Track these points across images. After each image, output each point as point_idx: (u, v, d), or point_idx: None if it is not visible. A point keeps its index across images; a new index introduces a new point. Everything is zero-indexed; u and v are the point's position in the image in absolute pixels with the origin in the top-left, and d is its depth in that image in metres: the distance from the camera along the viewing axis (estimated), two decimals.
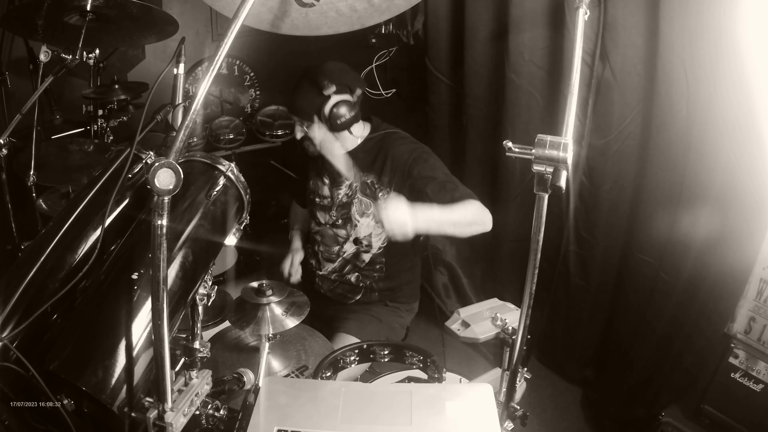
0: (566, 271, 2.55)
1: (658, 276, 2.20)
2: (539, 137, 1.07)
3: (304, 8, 1.52)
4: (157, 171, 0.89)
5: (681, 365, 2.22)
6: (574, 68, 1.16)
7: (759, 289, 2.01)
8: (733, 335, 2.08)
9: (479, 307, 1.73)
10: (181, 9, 3.38)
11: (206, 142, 3.32)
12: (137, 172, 1.34)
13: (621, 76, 2.15)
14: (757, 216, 1.91)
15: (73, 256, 1.26)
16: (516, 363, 1.29)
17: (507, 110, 2.50)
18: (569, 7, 2.16)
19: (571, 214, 2.43)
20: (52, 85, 1.96)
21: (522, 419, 1.35)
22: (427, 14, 2.79)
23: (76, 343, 1.10)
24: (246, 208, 1.40)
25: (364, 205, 2.16)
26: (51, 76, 1.80)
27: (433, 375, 1.54)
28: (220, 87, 3.54)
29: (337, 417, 1.19)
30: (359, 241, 2.21)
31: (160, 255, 0.93)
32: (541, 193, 1.10)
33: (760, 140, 1.84)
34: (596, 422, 2.51)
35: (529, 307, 1.23)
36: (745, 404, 2.05)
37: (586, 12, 1.18)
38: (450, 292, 3.16)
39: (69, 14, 1.72)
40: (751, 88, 1.82)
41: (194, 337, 1.21)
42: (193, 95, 0.97)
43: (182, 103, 1.63)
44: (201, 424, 1.20)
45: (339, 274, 2.27)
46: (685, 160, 2.03)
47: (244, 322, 1.51)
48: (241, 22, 0.99)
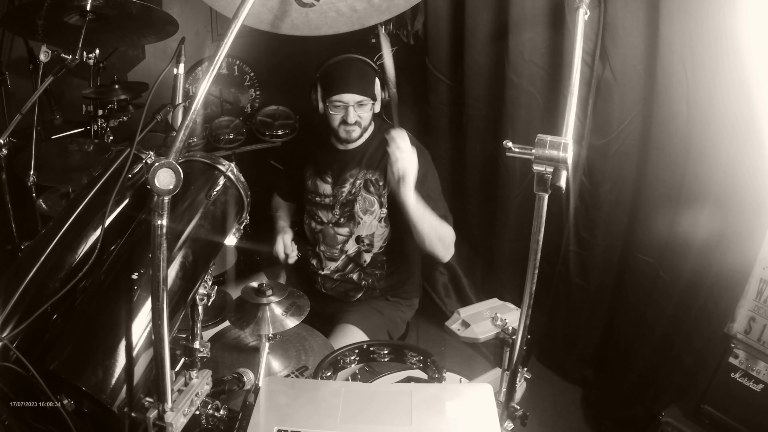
0: (566, 271, 2.55)
1: (658, 276, 2.20)
2: (539, 137, 1.07)
3: (304, 8, 1.52)
4: (157, 171, 0.89)
5: (681, 365, 2.21)
6: (574, 68, 1.16)
7: (759, 289, 2.01)
8: (733, 335, 2.08)
9: (479, 307, 1.73)
10: (181, 9, 3.38)
11: (206, 142, 3.32)
12: (137, 172, 1.34)
13: (621, 76, 2.15)
14: (757, 216, 1.91)
15: (73, 256, 1.26)
16: (516, 363, 1.29)
17: (507, 110, 2.50)
18: (569, 7, 2.16)
19: (571, 214, 2.43)
20: (52, 85, 1.96)
21: (522, 419, 1.35)
22: (427, 14, 2.79)
23: (76, 343, 1.10)
24: (246, 208, 1.40)
25: (368, 202, 2.17)
26: (51, 76, 1.80)
27: (433, 375, 1.55)
28: (220, 87, 3.54)
29: (338, 417, 1.19)
30: (361, 239, 2.21)
31: (160, 255, 0.93)
32: (541, 193, 1.10)
33: (760, 140, 1.84)
34: (596, 422, 2.51)
35: (529, 307, 1.23)
36: (745, 404, 2.05)
37: (586, 12, 1.18)
38: (450, 292, 3.16)
39: (69, 14, 1.72)
40: (751, 88, 1.82)
41: (194, 337, 1.20)
42: (193, 95, 0.97)
43: (182, 103, 1.63)
44: (201, 424, 1.20)
45: (341, 273, 2.27)
46: (685, 160, 2.03)
47: (244, 322, 1.51)
48: (241, 22, 0.99)
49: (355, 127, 2.11)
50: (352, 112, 2.07)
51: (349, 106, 2.06)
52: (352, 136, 2.13)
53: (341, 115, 2.08)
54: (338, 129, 2.12)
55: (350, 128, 2.10)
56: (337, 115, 2.09)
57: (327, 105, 2.10)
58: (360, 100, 2.06)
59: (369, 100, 2.08)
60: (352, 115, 2.07)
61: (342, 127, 2.11)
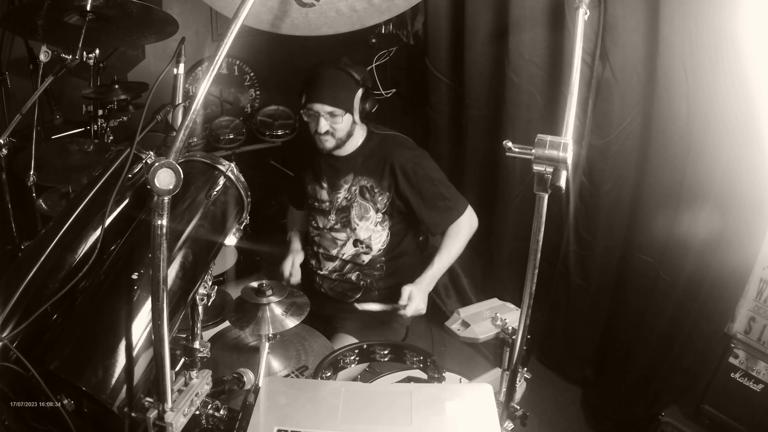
0: (566, 271, 2.55)
1: (658, 276, 2.20)
2: (539, 137, 1.07)
3: (304, 8, 1.51)
4: (157, 171, 0.89)
5: (681, 365, 2.21)
6: (574, 68, 1.15)
7: (759, 289, 2.01)
8: (733, 335, 2.08)
9: (479, 307, 1.73)
10: (181, 9, 3.38)
11: (206, 142, 3.32)
12: (137, 172, 1.34)
13: (621, 76, 2.14)
14: (757, 216, 1.91)
15: (73, 256, 1.26)
16: (516, 363, 1.29)
17: (507, 110, 2.50)
18: (569, 7, 2.16)
19: (571, 214, 2.42)
20: (52, 85, 1.96)
21: (522, 419, 1.35)
22: (427, 14, 2.79)
23: (76, 343, 1.10)
24: (246, 208, 1.40)
25: (363, 208, 2.17)
26: (51, 76, 1.80)
27: (433, 375, 1.55)
28: (220, 87, 3.54)
29: (337, 417, 1.19)
30: (359, 243, 2.21)
31: (160, 255, 0.93)
32: (541, 193, 1.10)
33: (760, 140, 1.84)
34: (596, 422, 2.51)
35: (529, 307, 1.23)
36: (745, 404, 2.04)
37: (586, 12, 1.18)
38: (450, 292, 3.16)
39: (69, 14, 1.72)
40: (751, 88, 1.82)
41: (194, 337, 1.20)
42: (193, 95, 0.97)
43: (182, 103, 1.63)
44: (201, 424, 1.20)
45: (340, 273, 2.27)
46: (685, 160, 2.03)
47: (244, 322, 1.51)
48: (241, 22, 0.99)
49: (328, 137, 2.10)
50: (322, 121, 2.07)
51: (320, 115, 2.07)
52: (325, 145, 2.13)
53: (314, 124, 2.10)
54: (314, 137, 2.13)
55: (323, 138, 2.10)
56: (311, 123, 2.11)
57: (303, 112, 2.12)
58: (330, 110, 2.06)
59: (341, 111, 2.06)
60: (322, 124, 2.07)
61: (316, 136, 2.12)
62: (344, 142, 2.15)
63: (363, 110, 2.11)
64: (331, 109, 2.06)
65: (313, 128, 2.10)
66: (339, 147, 2.15)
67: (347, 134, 2.13)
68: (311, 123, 2.11)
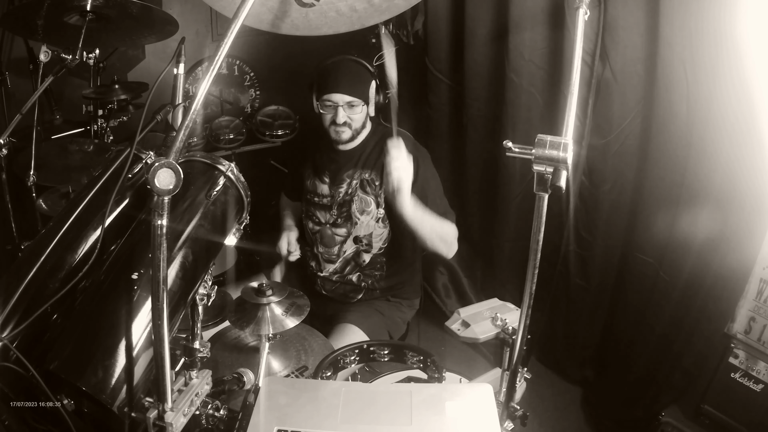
0: (566, 271, 2.55)
1: (658, 276, 2.21)
2: (539, 137, 1.07)
3: (304, 8, 1.51)
4: (157, 171, 0.88)
5: (681, 365, 2.21)
6: (574, 68, 1.15)
7: (759, 289, 2.01)
8: (733, 335, 2.08)
9: (479, 307, 1.73)
10: (181, 9, 3.38)
11: (206, 142, 3.32)
12: (137, 172, 1.34)
13: (621, 76, 2.15)
14: (757, 216, 1.91)
15: (73, 256, 1.26)
16: (516, 363, 1.29)
17: (507, 110, 2.50)
18: (569, 7, 2.16)
19: (571, 214, 2.42)
20: (52, 85, 1.96)
21: (522, 419, 1.35)
22: (427, 14, 2.79)
23: (76, 343, 1.10)
24: (246, 208, 1.40)
25: (365, 202, 2.17)
26: (51, 76, 1.80)
27: (433, 375, 1.55)
28: (220, 87, 3.54)
29: (338, 417, 1.19)
30: (359, 239, 2.21)
31: (160, 255, 0.93)
32: (541, 193, 1.10)
33: (760, 140, 1.84)
34: (596, 422, 2.51)
35: (529, 307, 1.23)
36: (745, 404, 2.05)
37: (586, 12, 1.18)
38: (450, 292, 3.16)
39: (69, 14, 1.72)
40: (751, 88, 1.82)
41: (194, 337, 1.20)
42: (193, 95, 0.96)
43: (182, 103, 1.63)
44: (201, 424, 1.20)
45: (340, 274, 2.27)
46: (685, 160, 2.03)
47: (244, 322, 1.51)
48: (241, 22, 0.99)
49: (345, 128, 2.11)
50: (341, 112, 2.07)
51: (339, 106, 2.07)
52: (341, 137, 2.13)
53: (331, 115, 2.09)
54: (329, 129, 2.13)
55: (340, 129, 2.10)
56: (328, 115, 2.10)
57: (319, 104, 2.11)
58: (350, 101, 2.06)
59: (360, 101, 2.08)
60: (341, 115, 2.07)
61: (332, 128, 2.11)
62: (359, 134, 2.16)
63: (377, 102, 2.16)
64: (351, 99, 2.06)
65: (330, 119, 2.10)
66: (353, 139, 2.16)
67: (362, 126, 2.15)
68: (327, 114, 2.10)
